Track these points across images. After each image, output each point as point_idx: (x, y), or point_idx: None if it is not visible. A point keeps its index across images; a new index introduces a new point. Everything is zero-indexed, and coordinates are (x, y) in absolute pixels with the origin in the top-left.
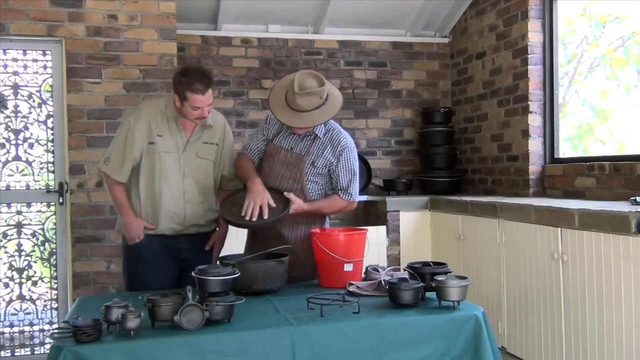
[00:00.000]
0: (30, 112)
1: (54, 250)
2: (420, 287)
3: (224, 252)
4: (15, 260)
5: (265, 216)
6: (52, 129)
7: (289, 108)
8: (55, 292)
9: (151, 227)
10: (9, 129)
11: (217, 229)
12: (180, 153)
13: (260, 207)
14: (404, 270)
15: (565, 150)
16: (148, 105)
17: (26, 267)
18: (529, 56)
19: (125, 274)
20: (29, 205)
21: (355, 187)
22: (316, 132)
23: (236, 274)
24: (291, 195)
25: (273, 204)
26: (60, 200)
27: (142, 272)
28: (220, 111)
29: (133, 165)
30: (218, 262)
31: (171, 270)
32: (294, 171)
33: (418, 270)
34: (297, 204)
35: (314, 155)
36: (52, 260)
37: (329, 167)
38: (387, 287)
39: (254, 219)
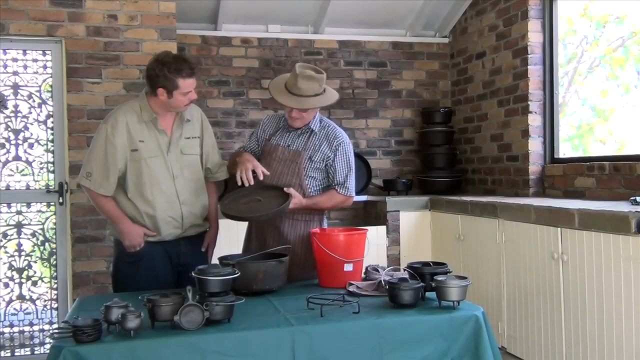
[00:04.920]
0: (30, 112)
1: (54, 250)
2: (420, 287)
3: (224, 251)
4: (15, 260)
5: (261, 177)
6: (52, 129)
7: (289, 93)
8: (55, 292)
9: (152, 233)
10: (9, 129)
11: (208, 228)
12: (166, 155)
13: (255, 172)
14: (404, 270)
15: (565, 150)
16: (123, 111)
17: (26, 267)
18: (529, 56)
19: (119, 279)
20: (29, 205)
21: (352, 181)
22: (312, 128)
23: (236, 274)
24: (291, 190)
25: (263, 169)
26: (60, 200)
27: (140, 279)
28: (220, 111)
29: (118, 176)
30: (218, 262)
31: (170, 276)
32: (292, 167)
33: (418, 270)
34: (297, 198)
35: (311, 150)
36: (52, 260)
37: (326, 161)
38: (387, 287)
39: (251, 182)
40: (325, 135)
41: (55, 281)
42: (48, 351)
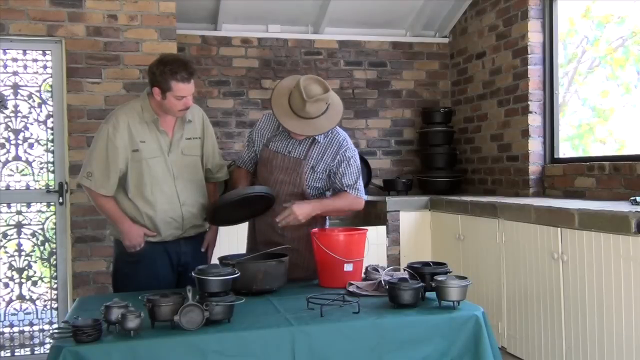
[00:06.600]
0: (30, 112)
1: (54, 250)
2: (420, 287)
3: (224, 251)
4: (15, 260)
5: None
6: (52, 129)
7: (296, 116)
8: (55, 292)
9: (152, 233)
10: (9, 129)
11: (208, 229)
12: (167, 156)
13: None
14: (404, 270)
15: (565, 150)
16: (124, 111)
17: (26, 267)
18: (529, 56)
19: (119, 279)
20: (29, 205)
21: (362, 185)
22: (315, 136)
23: (236, 274)
24: (289, 205)
25: None
26: (60, 200)
27: (140, 279)
28: (220, 111)
29: (119, 176)
30: (218, 262)
31: (169, 276)
32: (293, 176)
33: (418, 270)
34: (302, 203)
35: (313, 159)
36: (52, 260)
37: (329, 170)
38: (387, 287)
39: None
40: (328, 142)
41: (55, 281)
42: (48, 351)
